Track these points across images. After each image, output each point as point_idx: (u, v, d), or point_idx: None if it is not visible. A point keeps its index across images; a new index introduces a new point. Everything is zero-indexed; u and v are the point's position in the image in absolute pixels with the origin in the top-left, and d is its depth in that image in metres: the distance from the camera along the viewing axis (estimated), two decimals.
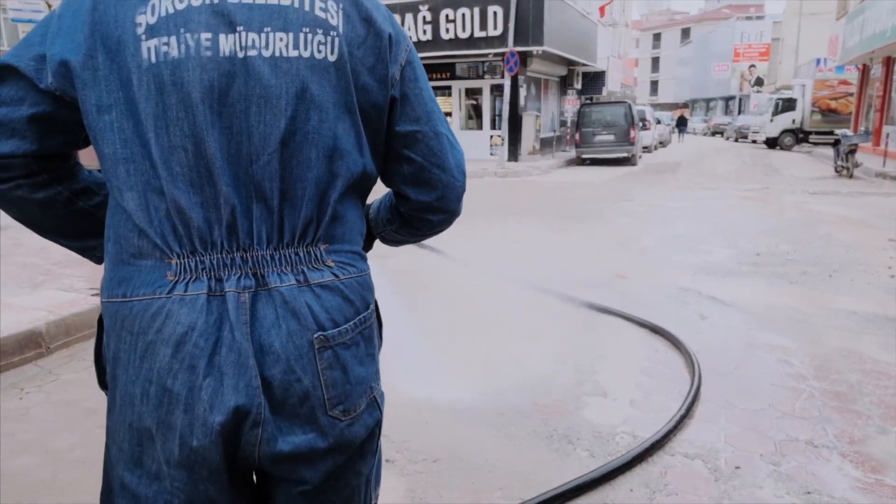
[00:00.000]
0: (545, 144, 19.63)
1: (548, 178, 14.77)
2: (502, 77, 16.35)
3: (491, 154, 17.71)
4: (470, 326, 3.82)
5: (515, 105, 16.88)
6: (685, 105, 61.58)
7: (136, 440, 0.88)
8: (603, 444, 2.54)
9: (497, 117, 17.91)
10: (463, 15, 16.70)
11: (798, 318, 4.12)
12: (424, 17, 17.10)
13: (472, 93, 18.77)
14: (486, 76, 17.96)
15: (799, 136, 23.90)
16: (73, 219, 1.01)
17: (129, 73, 0.84)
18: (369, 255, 1.09)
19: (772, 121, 24.29)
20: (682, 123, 34.55)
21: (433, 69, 18.47)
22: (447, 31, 16.95)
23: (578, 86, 23.30)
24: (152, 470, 0.88)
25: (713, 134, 41.35)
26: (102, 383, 0.96)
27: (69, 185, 0.98)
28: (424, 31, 17.18)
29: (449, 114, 19.10)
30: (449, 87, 18.78)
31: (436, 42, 17.15)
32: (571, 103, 20.43)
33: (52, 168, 0.95)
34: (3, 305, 3.99)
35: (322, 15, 0.89)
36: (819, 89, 23.68)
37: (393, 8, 17.36)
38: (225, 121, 0.85)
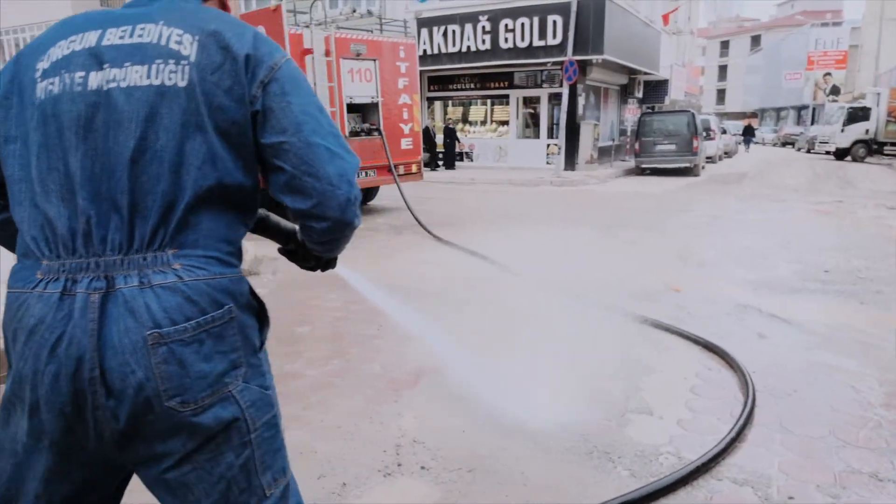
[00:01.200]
0: (603, 153, 19.28)
1: (605, 187, 14.49)
2: (561, 86, 16.18)
3: (547, 163, 17.54)
4: (515, 336, 3.76)
5: (573, 114, 16.67)
6: (754, 114, 59.26)
7: (4, 405, 1.08)
8: (645, 464, 2.44)
9: (554, 126, 17.73)
10: (522, 24, 16.65)
11: (868, 340, 3.85)
12: (483, 27, 17.15)
13: (530, 101, 18.67)
14: (545, 85, 17.83)
15: (872, 146, 22.57)
16: None
17: (28, 110, 1.05)
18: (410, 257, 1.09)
19: (843, 131, 23.01)
20: (748, 133, 33.26)
21: (490, 78, 18.50)
22: (506, 40, 16.94)
23: (640, 94, 22.82)
24: (13, 432, 1.07)
25: (783, 144, 39.58)
26: None
27: None
28: (483, 41, 17.22)
29: (505, 122, 19.06)
30: (507, 96, 18.77)
31: (494, 51, 17.16)
32: (632, 112, 20.03)
33: (4, 194, 1.14)
34: None
35: (176, 47, 1.04)
36: None
37: (452, 19, 17.52)
38: (90, 143, 1.02)
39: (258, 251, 6.35)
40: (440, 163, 18.08)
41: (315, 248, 1.26)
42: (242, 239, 1.16)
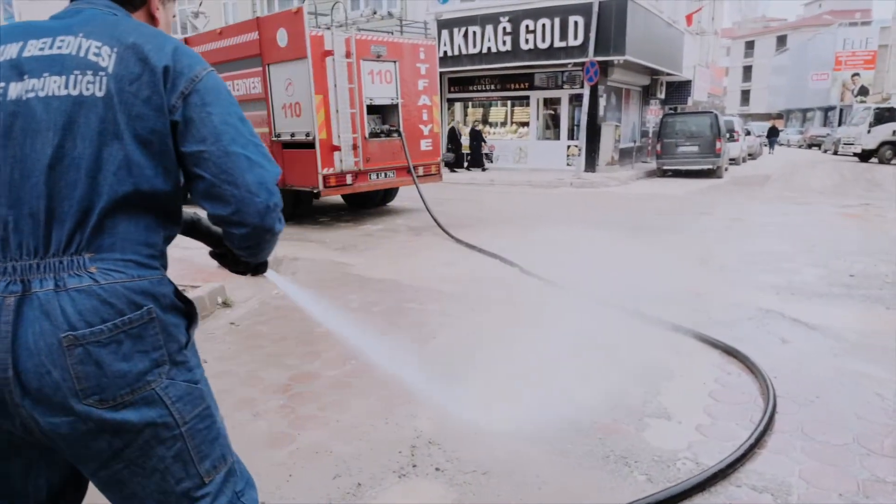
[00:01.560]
0: (625, 155, 19.11)
1: (625, 189, 14.36)
2: (582, 87, 16.09)
3: (567, 164, 17.45)
4: (533, 338, 3.75)
5: (594, 115, 16.55)
6: (779, 116, 58.29)
7: None
8: (663, 469, 2.42)
9: (575, 127, 17.62)
10: (543, 25, 16.58)
11: (894, 346, 3.77)
12: (504, 29, 17.11)
13: (551, 103, 18.58)
14: (566, 86, 17.72)
15: None
16: None
17: None
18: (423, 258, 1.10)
19: (869, 132, 22.52)
20: (772, 134, 32.75)
21: (511, 79, 18.45)
22: (527, 41, 16.87)
23: (662, 95, 22.58)
24: None
25: (809, 146, 38.90)
26: None
27: None
28: (504, 42, 17.19)
29: (525, 123, 18.99)
30: (527, 97, 18.69)
31: (515, 53, 17.11)
32: (654, 113, 19.82)
33: None
34: None
35: (94, 59, 1.09)
36: None
37: (473, 20, 17.51)
38: (9, 151, 1.07)
39: (278, 251, 6.42)
40: (466, 164, 18.10)
41: (238, 253, 1.29)
42: (167, 242, 1.20)
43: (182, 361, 1.16)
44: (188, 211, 1.34)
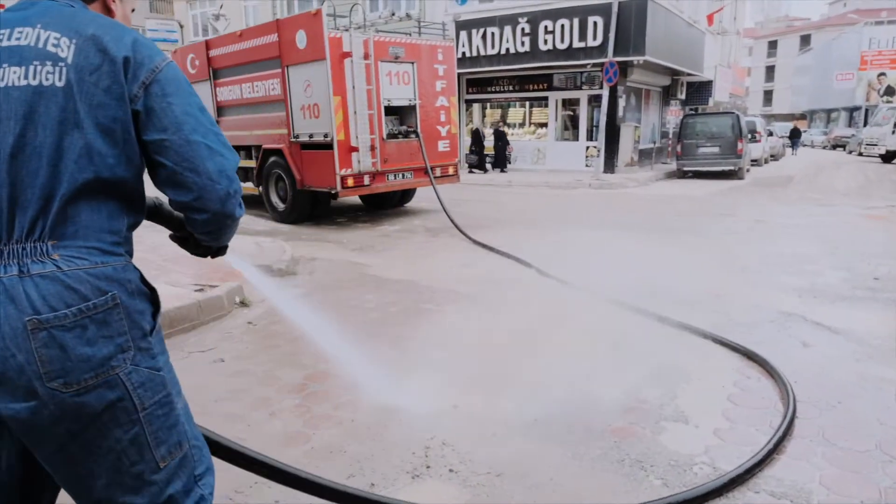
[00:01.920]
0: (644, 156, 18.95)
1: (645, 190, 14.23)
2: (601, 87, 15.98)
3: (586, 166, 17.34)
4: (549, 338, 3.73)
5: (613, 116, 16.43)
6: (802, 116, 57.36)
7: None
8: (679, 473, 2.38)
9: (594, 128, 17.51)
10: (562, 26, 16.50)
11: None
12: (523, 29, 17.06)
13: (569, 103, 18.48)
14: (585, 87, 17.62)
15: None
16: None
17: None
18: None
19: (893, 132, 22.03)
20: (795, 135, 32.26)
21: (529, 80, 18.39)
22: (545, 42, 16.81)
23: (682, 96, 22.33)
24: None
25: (833, 147, 38.23)
26: None
27: None
28: (523, 43, 17.14)
29: (544, 124, 18.92)
30: (545, 98, 18.62)
31: (533, 53, 17.06)
32: (674, 114, 19.58)
33: None
34: None
35: (53, 50, 1.12)
36: None
37: (491, 21, 17.49)
38: None
39: (296, 252, 6.46)
40: (488, 165, 18.07)
41: (201, 237, 1.33)
42: (131, 229, 1.23)
43: (146, 348, 1.19)
44: (150, 196, 1.38)
